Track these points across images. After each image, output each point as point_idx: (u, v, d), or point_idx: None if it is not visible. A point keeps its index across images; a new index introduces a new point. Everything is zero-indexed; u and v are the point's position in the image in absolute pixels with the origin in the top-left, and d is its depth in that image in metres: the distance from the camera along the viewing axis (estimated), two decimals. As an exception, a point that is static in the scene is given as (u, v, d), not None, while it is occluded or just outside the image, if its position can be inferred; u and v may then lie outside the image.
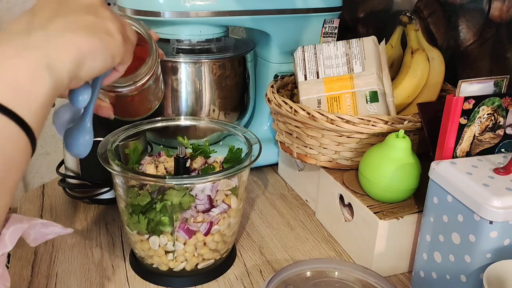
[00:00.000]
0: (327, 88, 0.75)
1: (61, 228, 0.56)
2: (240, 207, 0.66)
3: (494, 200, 0.49)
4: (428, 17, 0.85)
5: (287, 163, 0.91)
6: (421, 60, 0.79)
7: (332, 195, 0.73)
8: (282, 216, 0.81)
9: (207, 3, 0.80)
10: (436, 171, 0.56)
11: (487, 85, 0.59)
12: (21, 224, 0.47)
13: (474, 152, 0.60)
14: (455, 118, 0.57)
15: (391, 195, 0.65)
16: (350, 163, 0.73)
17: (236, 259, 0.70)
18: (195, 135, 0.82)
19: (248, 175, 0.66)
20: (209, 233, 0.62)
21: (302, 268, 0.61)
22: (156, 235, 0.61)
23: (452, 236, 0.54)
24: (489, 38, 0.75)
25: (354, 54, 0.75)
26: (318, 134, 0.71)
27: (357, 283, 0.60)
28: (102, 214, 0.80)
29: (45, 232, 0.50)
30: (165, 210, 0.59)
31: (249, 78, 0.94)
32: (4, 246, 0.45)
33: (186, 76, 0.86)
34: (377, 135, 0.69)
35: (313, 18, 0.90)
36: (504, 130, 0.61)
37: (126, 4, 0.82)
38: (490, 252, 0.51)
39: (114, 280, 0.65)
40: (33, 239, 0.50)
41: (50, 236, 0.59)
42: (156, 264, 0.64)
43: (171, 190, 0.58)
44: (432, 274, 0.58)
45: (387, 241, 0.64)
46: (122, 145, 0.67)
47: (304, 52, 0.78)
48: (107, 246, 0.72)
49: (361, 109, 0.73)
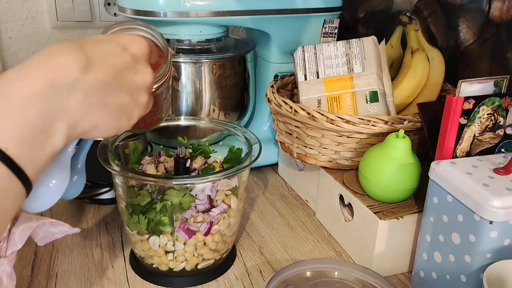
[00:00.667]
0: (327, 88, 0.75)
1: (69, 228, 0.56)
2: (240, 207, 0.66)
3: (494, 200, 0.49)
4: (428, 17, 0.85)
5: (287, 163, 0.91)
6: (421, 60, 0.79)
7: (332, 195, 0.73)
8: (282, 216, 0.81)
9: (207, 3, 0.80)
10: (436, 171, 0.56)
11: (487, 85, 0.59)
12: (30, 223, 0.48)
13: (474, 152, 0.60)
14: (455, 118, 0.57)
15: (391, 195, 0.65)
16: (350, 163, 0.73)
17: (236, 259, 0.70)
18: (195, 135, 0.82)
19: (248, 175, 0.66)
20: (209, 233, 0.62)
21: (302, 268, 0.61)
22: (156, 235, 0.61)
23: (452, 236, 0.54)
24: (489, 38, 0.75)
25: (354, 54, 0.75)
26: (318, 134, 0.71)
27: (357, 283, 0.60)
28: (102, 214, 0.80)
29: (53, 231, 0.50)
30: (165, 210, 0.59)
31: (249, 78, 0.94)
32: (13, 245, 0.46)
33: (186, 76, 0.86)
34: (377, 135, 0.69)
35: (313, 18, 0.90)
36: (504, 130, 0.61)
37: (126, 4, 0.82)
38: (490, 252, 0.51)
39: (114, 280, 0.65)
40: (41, 238, 0.50)
41: (58, 236, 0.59)
42: (156, 264, 0.64)
43: (171, 190, 0.58)
44: (432, 274, 0.58)
45: (387, 241, 0.64)
46: (122, 145, 0.67)
47: (304, 52, 0.78)
48: (107, 246, 0.72)
49: (361, 109, 0.73)
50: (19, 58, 1.10)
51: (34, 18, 1.09)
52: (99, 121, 0.41)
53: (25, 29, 1.09)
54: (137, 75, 0.44)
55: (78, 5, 1.08)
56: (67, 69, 0.38)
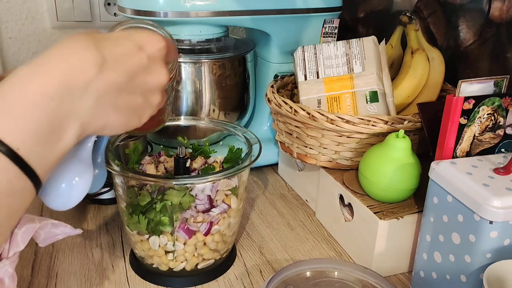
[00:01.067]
0: (327, 88, 0.75)
1: (70, 229, 0.56)
2: (240, 207, 0.66)
3: (494, 200, 0.49)
4: (428, 17, 0.85)
5: (287, 163, 0.91)
6: (421, 60, 0.79)
7: (332, 195, 0.73)
8: (282, 216, 0.81)
9: (207, 3, 0.80)
10: (436, 171, 0.56)
11: (487, 85, 0.59)
12: (33, 224, 0.47)
13: (474, 152, 0.60)
14: (455, 118, 0.57)
15: (391, 195, 0.65)
16: (350, 163, 0.73)
17: (236, 259, 0.70)
18: (195, 135, 0.82)
19: (248, 175, 0.66)
20: (209, 233, 0.62)
21: (302, 268, 0.61)
22: (156, 235, 0.61)
23: (452, 236, 0.54)
24: (489, 38, 0.75)
25: (354, 54, 0.75)
26: (318, 134, 0.71)
27: (357, 283, 0.60)
28: (102, 214, 0.80)
29: (55, 232, 0.50)
30: (165, 210, 0.59)
31: (249, 78, 0.94)
32: (16, 246, 0.45)
33: (186, 76, 0.86)
34: (377, 135, 0.69)
35: (313, 18, 0.90)
36: (504, 130, 0.61)
37: (126, 4, 0.82)
38: (490, 252, 0.51)
39: (114, 280, 0.65)
40: (43, 239, 0.50)
41: (60, 237, 0.59)
42: (156, 264, 0.64)
43: (171, 190, 0.58)
44: (432, 274, 0.58)
45: (387, 241, 0.64)
46: (122, 145, 0.67)
47: (304, 52, 0.78)
48: (107, 246, 0.72)
49: (361, 109, 0.73)
50: (19, 58, 1.10)
51: (34, 18, 1.09)
52: (110, 121, 0.41)
53: (25, 29, 1.09)
54: (152, 76, 0.43)
55: (78, 5, 1.08)
56: (82, 70, 0.37)
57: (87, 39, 0.39)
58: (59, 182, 0.41)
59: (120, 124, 0.42)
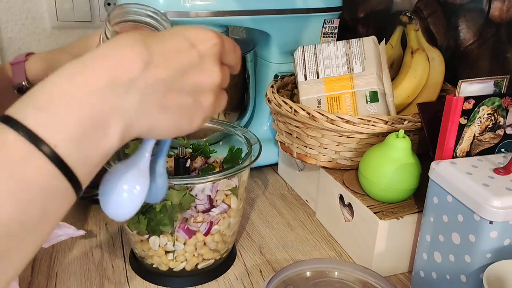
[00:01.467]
0: (327, 88, 0.75)
1: (74, 230, 0.56)
2: (240, 207, 0.66)
3: (494, 200, 0.49)
4: (428, 17, 0.85)
5: (287, 163, 0.91)
6: (421, 60, 0.79)
7: (332, 195, 0.73)
8: (282, 216, 0.81)
9: (207, 3, 0.80)
10: (436, 171, 0.56)
11: (487, 85, 0.59)
12: None
13: (474, 152, 0.60)
14: (455, 118, 0.57)
15: (391, 195, 0.65)
16: (350, 163, 0.73)
17: (236, 259, 0.70)
18: (195, 135, 0.82)
19: (248, 175, 0.66)
20: (209, 233, 0.62)
21: (302, 268, 0.61)
22: (156, 235, 0.61)
23: (452, 236, 0.54)
24: (489, 38, 0.75)
25: (354, 54, 0.75)
26: (318, 134, 0.71)
27: (357, 283, 0.60)
28: (102, 214, 0.80)
29: (58, 233, 0.50)
30: (165, 210, 0.59)
31: (249, 78, 0.94)
32: None
33: (186, 76, 0.86)
34: (377, 135, 0.69)
35: (313, 18, 0.90)
36: (504, 130, 0.61)
37: (126, 4, 0.82)
38: (490, 252, 0.51)
39: (114, 280, 0.65)
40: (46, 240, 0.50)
41: (62, 238, 0.59)
42: (156, 264, 0.64)
43: (171, 190, 0.58)
44: (432, 274, 0.58)
45: (387, 241, 0.64)
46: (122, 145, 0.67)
47: (304, 52, 0.78)
48: (107, 246, 0.72)
49: (361, 109, 0.73)
50: (19, 58, 1.10)
51: (34, 18, 1.09)
52: (156, 122, 0.38)
53: (25, 29, 1.09)
54: (203, 74, 0.40)
55: (78, 5, 1.08)
56: (127, 66, 0.35)
57: (136, 36, 0.37)
58: (121, 190, 0.40)
59: (168, 126, 0.39)
